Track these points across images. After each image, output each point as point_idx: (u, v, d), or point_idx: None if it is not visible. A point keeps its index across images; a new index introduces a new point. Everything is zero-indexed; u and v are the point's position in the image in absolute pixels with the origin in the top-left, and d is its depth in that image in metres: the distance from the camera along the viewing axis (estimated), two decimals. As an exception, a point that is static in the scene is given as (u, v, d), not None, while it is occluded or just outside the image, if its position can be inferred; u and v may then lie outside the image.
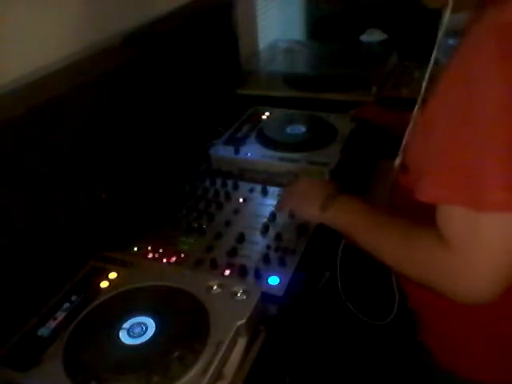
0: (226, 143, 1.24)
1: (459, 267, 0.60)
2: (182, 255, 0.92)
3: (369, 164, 1.28)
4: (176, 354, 0.67)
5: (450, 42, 0.80)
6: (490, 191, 0.56)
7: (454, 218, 0.60)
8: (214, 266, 0.88)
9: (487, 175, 0.57)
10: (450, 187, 0.60)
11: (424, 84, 0.77)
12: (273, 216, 1.00)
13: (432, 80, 0.77)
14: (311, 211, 0.85)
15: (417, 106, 0.79)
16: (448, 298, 0.63)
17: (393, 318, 0.92)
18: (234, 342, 0.71)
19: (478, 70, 0.57)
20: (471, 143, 0.58)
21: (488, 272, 0.59)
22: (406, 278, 0.85)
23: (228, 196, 1.08)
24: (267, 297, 0.80)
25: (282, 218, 1.00)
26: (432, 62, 0.76)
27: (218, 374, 0.67)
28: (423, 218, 0.68)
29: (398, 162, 0.82)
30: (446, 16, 0.70)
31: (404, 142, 0.80)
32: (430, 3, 0.75)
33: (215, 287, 0.79)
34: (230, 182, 1.12)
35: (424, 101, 0.78)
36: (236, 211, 1.04)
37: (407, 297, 0.88)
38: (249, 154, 1.19)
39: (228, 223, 1.00)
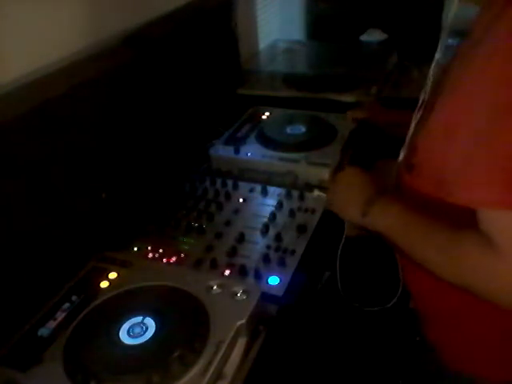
0: (226, 143, 1.24)
1: (509, 269, 0.58)
2: (182, 255, 0.92)
3: (369, 164, 1.28)
4: (176, 354, 0.67)
5: (450, 41, 0.81)
6: None
7: (505, 221, 0.58)
8: (214, 266, 0.88)
9: None
10: (496, 190, 0.58)
11: (429, 82, 0.77)
12: (273, 216, 1.00)
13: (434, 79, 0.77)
14: (353, 216, 0.84)
15: (419, 104, 0.78)
16: (499, 306, 0.61)
17: (392, 318, 0.92)
18: (233, 342, 0.71)
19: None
20: None
21: None
22: (413, 278, 0.85)
23: (228, 196, 1.08)
24: (267, 297, 0.80)
25: (282, 218, 1.00)
26: (436, 59, 0.75)
27: (218, 374, 0.67)
28: (435, 216, 0.68)
29: (401, 159, 0.82)
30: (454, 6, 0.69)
31: (407, 141, 0.79)
32: None
33: (215, 287, 0.79)
34: (229, 182, 1.12)
35: (424, 101, 0.78)
36: (236, 211, 1.04)
37: (413, 296, 0.88)
38: (249, 154, 1.19)
39: (228, 223, 1.00)
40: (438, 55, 0.76)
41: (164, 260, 0.91)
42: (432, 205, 0.71)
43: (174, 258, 0.91)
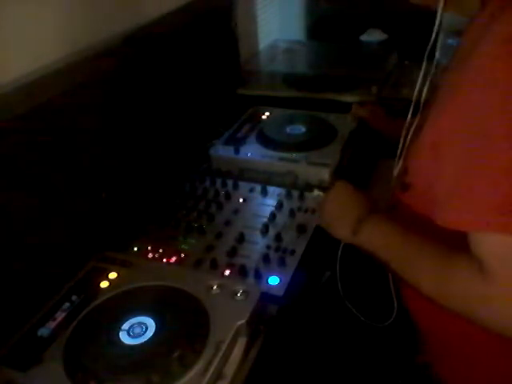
0: (226, 143, 1.24)
1: (504, 298, 0.57)
2: (182, 255, 0.92)
3: (369, 164, 1.28)
4: (176, 354, 0.67)
5: (450, 41, 0.81)
6: None
7: (496, 245, 0.57)
8: (214, 266, 0.88)
9: None
10: (487, 213, 0.56)
11: (425, 89, 0.76)
12: (273, 216, 1.00)
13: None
14: (343, 234, 0.82)
15: (411, 113, 0.77)
16: (490, 330, 0.60)
17: (392, 319, 0.92)
18: (233, 342, 0.71)
19: (498, 87, 0.55)
20: (506, 161, 0.55)
21: None
22: (407, 294, 0.84)
23: (228, 196, 1.08)
24: (267, 297, 0.80)
25: (282, 218, 1.00)
26: (434, 64, 0.74)
27: (218, 374, 0.67)
28: (432, 237, 0.66)
29: (395, 173, 0.80)
30: (438, 16, 0.69)
31: (400, 154, 0.78)
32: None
33: (215, 287, 0.79)
34: (229, 182, 1.12)
35: (418, 105, 0.78)
36: (236, 211, 1.04)
37: (410, 312, 0.87)
38: (249, 154, 1.19)
39: (228, 223, 1.00)
40: (438, 55, 0.75)
41: (164, 260, 0.91)
42: (427, 224, 0.68)
43: (174, 258, 0.91)
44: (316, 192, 1.05)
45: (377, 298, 0.91)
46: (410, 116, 0.79)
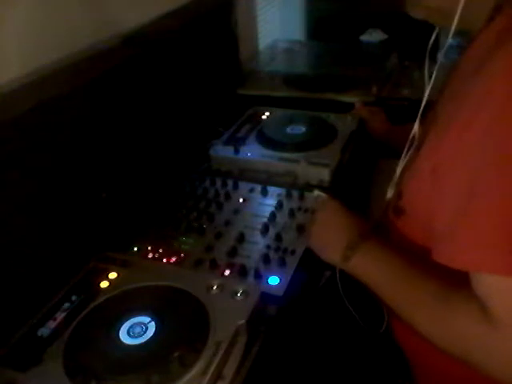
0: (226, 143, 1.24)
1: (506, 342, 0.53)
2: (182, 255, 0.92)
3: (369, 164, 1.28)
4: (176, 354, 0.67)
5: (450, 41, 0.81)
6: None
7: (501, 288, 0.52)
8: (214, 266, 0.88)
9: None
10: (496, 252, 0.52)
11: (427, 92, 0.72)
12: (273, 216, 1.00)
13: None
14: (332, 258, 0.79)
15: (419, 118, 0.73)
16: (491, 376, 0.56)
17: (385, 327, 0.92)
18: (233, 342, 0.71)
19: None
20: None
21: None
22: (399, 328, 0.82)
23: (228, 196, 1.08)
24: (267, 297, 0.80)
25: (282, 218, 1.00)
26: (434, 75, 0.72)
27: (218, 374, 0.67)
28: (424, 264, 0.63)
29: (388, 198, 0.76)
30: (450, 35, 0.64)
31: (395, 178, 0.74)
32: (413, 13, 0.71)
33: (215, 287, 0.79)
34: (230, 182, 1.12)
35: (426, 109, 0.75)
36: (236, 211, 1.04)
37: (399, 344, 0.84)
38: (249, 154, 1.19)
39: (228, 223, 1.00)
40: (439, 55, 0.74)
41: (164, 260, 0.91)
42: (420, 252, 0.65)
43: (174, 258, 0.91)
44: (316, 192, 1.05)
45: (376, 298, 0.91)
46: (417, 122, 0.74)
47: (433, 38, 0.74)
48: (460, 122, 0.56)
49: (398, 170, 0.73)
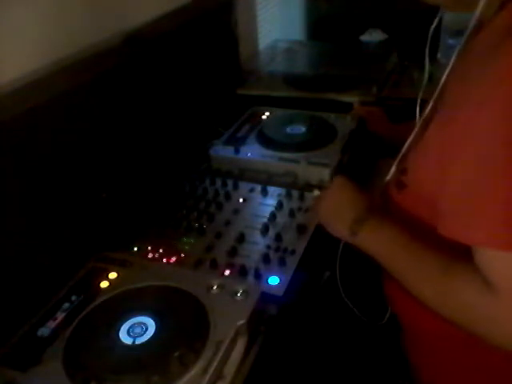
0: (226, 143, 1.24)
1: (507, 312, 0.55)
2: (182, 255, 0.92)
3: (369, 164, 1.28)
4: (176, 354, 0.67)
5: (450, 41, 0.80)
6: None
7: (504, 262, 0.55)
8: (214, 265, 0.88)
9: None
10: (500, 228, 0.54)
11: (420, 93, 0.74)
12: (273, 216, 1.00)
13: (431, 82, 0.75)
14: (340, 232, 0.81)
15: (417, 117, 0.74)
16: (494, 345, 0.58)
17: (390, 318, 0.92)
18: (233, 342, 0.71)
19: None
20: None
21: None
22: (394, 295, 0.84)
23: (228, 196, 1.08)
24: (267, 297, 0.80)
25: (282, 218, 1.00)
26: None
27: (218, 374, 0.67)
28: (427, 237, 0.65)
29: (391, 175, 0.78)
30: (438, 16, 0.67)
31: (401, 155, 0.75)
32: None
33: (215, 287, 0.79)
34: (230, 182, 1.12)
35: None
36: (236, 211, 1.04)
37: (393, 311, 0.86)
38: (249, 154, 1.19)
39: (228, 223, 1.00)
40: (439, 55, 0.74)
41: (164, 260, 0.91)
42: (423, 227, 0.67)
43: (173, 258, 0.91)
44: (316, 192, 1.05)
45: (377, 298, 0.91)
46: (418, 116, 0.76)
47: (429, 35, 0.74)
48: (472, 102, 0.57)
49: (404, 148, 0.75)
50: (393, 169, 0.78)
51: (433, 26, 0.72)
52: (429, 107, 0.71)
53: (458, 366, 0.77)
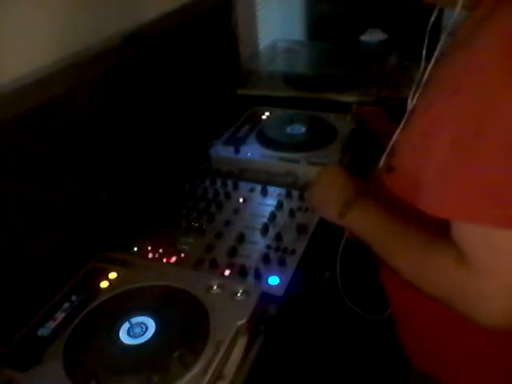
0: (226, 143, 1.24)
1: (480, 286, 0.57)
2: (182, 255, 0.92)
3: (369, 164, 1.28)
4: (176, 354, 0.67)
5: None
6: None
7: (476, 235, 0.57)
8: (214, 265, 0.88)
9: None
10: (471, 202, 0.56)
11: (413, 89, 0.75)
12: (273, 216, 1.00)
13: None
14: (330, 215, 0.83)
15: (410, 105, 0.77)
16: (466, 318, 0.60)
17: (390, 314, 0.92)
18: (234, 342, 0.71)
19: (492, 84, 0.55)
20: (492, 157, 0.55)
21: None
22: (391, 283, 0.85)
23: (228, 196, 1.08)
24: (267, 297, 0.80)
25: (282, 218, 1.00)
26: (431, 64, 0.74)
27: (218, 374, 0.67)
28: (410, 218, 0.67)
29: (383, 161, 0.80)
30: (434, 13, 0.69)
31: (392, 143, 0.78)
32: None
33: (215, 287, 0.79)
34: (229, 182, 1.12)
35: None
36: (236, 211, 1.04)
37: (386, 295, 0.88)
38: (249, 154, 1.19)
39: (228, 223, 1.00)
40: (437, 54, 0.75)
41: (164, 260, 0.91)
42: (409, 207, 0.69)
43: (173, 258, 0.91)
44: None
45: (376, 298, 0.91)
46: (409, 103, 0.78)
47: (427, 35, 0.74)
48: (448, 87, 0.61)
49: (395, 136, 0.77)
50: (384, 155, 0.80)
51: (429, 26, 0.73)
52: (417, 95, 0.74)
53: (454, 350, 0.78)
